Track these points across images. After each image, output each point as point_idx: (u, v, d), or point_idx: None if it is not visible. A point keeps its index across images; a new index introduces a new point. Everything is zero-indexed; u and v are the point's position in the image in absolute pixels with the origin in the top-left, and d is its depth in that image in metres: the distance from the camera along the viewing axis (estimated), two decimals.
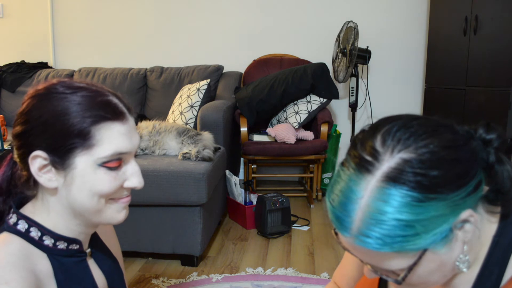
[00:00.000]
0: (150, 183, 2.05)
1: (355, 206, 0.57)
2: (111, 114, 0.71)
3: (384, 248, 0.56)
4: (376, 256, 0.58)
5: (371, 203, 0.56)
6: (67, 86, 0.72)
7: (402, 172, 0.55)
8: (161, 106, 3.36)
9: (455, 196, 0.56)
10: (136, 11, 3.81)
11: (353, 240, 0.58)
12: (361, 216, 0.57)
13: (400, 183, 0.55)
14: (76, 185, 0.71)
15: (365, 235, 0.56)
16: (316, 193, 3.23)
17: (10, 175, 0.77)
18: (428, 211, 0.55)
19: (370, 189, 0.56)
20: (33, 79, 3.66)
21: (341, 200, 0.59)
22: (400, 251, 0.56)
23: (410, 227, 0.54)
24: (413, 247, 0.56)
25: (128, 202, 0.77)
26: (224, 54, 3.72)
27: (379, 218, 0.55)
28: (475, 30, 2.73)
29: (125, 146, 0.72)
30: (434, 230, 0.55)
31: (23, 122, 0.71)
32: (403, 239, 0.55)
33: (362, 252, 0.59)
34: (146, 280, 2.05)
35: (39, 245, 0.73)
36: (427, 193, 0.55)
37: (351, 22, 3.25)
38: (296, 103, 3.19)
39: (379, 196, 0.55)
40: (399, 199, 0.54)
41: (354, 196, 0.58)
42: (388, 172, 0.56)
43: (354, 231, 0.57)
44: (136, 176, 0.75)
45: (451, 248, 0.59)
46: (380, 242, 0.55)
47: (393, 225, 0.55)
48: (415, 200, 0.54)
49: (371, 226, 0.56)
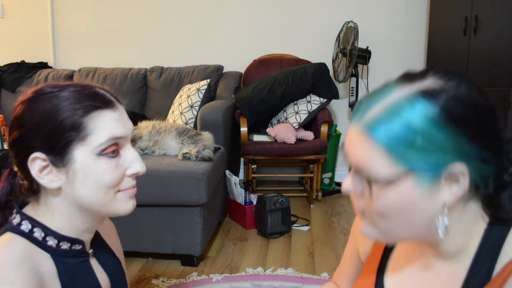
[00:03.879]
0: (150, 183, 2.05)
1: (380, 99, 0.61)
2: (101, 103, 0.73)
3: (381, 143, 0.58)
4: (367, 154, 0.60)
5: (396, 102, 0.59)
6: (54, 86, 0.73)
7: (440, 94, 0.58)
8: (161, 106, 3.36)
9: (467, 143, 0.58)
10: (136, 11, 3.81)
11: (360, 128, 0.61)
12: (380, 108, 0.60)
13: (432, 99, 0.57)
14: (79, 179, 0.71)
15: (374, 125, 0.59)
16: (316, 193, 3.23)
17: (9, 189, 0.78)
18: (439, 134, 0.57)
19: (403, 92, 0.59)
20: (33, 79, 3.66)
21: (372, 94, 0.63)
22: (391, 155, 0.58)
23: (415, 136, 0.57)
24: (403, 158, 0.58)
25: (135, 192, 0.77)
26: (224, 54, 3.72)
27: (395, 115, 0.58)
28: (475, 30, 2.73)
29: (119, 130, 0.73)
30: (430, 156, 0.57)
31: (17, 128, 0.72)
32: (403, 143, 0.57)
33: (358, 147, 0.61)
34: (146, 280, 2.05)
35: (42, 246, 0.73)
36: (449, 120, 0.57)
37: (351, 22, 3.26)
38: (296, 103, 3.19)
39: (407, 100, 0.58)
40: (423, 110, 0.57)
41: (384, 92, 0.61)
42: (428, 88, 0.58)
43: (367, 119, 0.60)
44: (136, 162, 0.76)
45: (430, 196, 0.59)
46: (382, 135, 0.58)
47: (403, 126, 0.57)
48: (436, 118, 0.57)
49: (384, 119, 0.58)
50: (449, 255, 0.67)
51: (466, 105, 0.58)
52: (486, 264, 0.63)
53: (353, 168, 0.63)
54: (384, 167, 0.59)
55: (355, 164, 0.62)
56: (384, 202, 0.60)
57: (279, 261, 2.25)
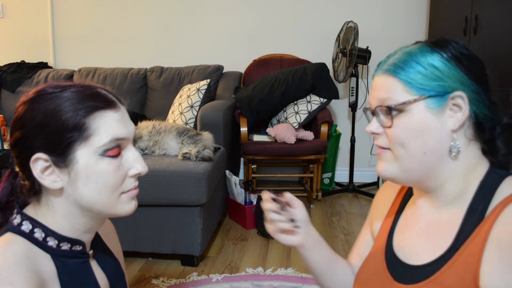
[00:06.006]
0: (150, 183, 2.05)
1: (397, 52, 0.77)
2: (103, 103, 0.72)
3: (400, 76, 0.73)
4: (388, 88, 0.74)
5: (414, 49, 0.75)
6: (55, 86, 0.73)
7: (446, 42, 0.75)
8: (161, 106, 3.36)
9: (465, 77, 0.72)
10: (136, 11, 3.81)
11: (382, 72, 0.76)
12: (399, 54, 0.75)
13: (442, 49, 0.73)
14: (82, 179, 0.71)
15: (393, 65, 0.74)
16: (316, 193, 3.23)
17: (10, 190, 0.78)
18: (444, 67, 0.72)
19: (419, 45, 0.76)
20: (33, 79, 3.66)
21: (394, 52, 0.78)
22: (406, 86, 0.72)
23: (425, 67, 0.72)
24: (416, 87, 0.72)
25: (137, 193, 0.78)
26: (224, 54, 3.72)
27: (410, 55, 0.74)
28: (475, 30, 2.73)
29: (121, 131, 0.73)
30: (438, 82, 0.71)
31: (19, 128, 0.72)
32: (414, 74, 0.72)
33: (381, 86, 0.75)
34: (146, 280, 2.05)
35: (42, 246, 0.73)
36: (453, 58, 0.72)
37: (351, 22, 3.26)
38: (296, 103, 3.19)
39: (424, 48, 0.74)
40: (432, 51, 0.73)
41: (402, 48, 0.77)
42: (436, 40, 0.75)
43: (387, 64, 0.75)
44: (138, 162, 0.76)
45: (439, 121, 0.72)
46: (400, 70, 0.73)
47: (416, 61, 0.73)
48: (445, 59, 0.72)
49: (401, 59, 0.74)
50: (449, 201, 0.76)
51: (465, 49, 0.74)
52: (480, 206, 0.71)
53: (376, 112, 0.76)
54: (402, 96, 0.73)
55: (378, 103, 0.75)
56: (404, 127, 0.73)
57: (279, 261, 2.25)
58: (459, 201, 0.74)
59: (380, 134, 0.76)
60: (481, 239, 0.68)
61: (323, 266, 0.93)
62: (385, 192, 0.95)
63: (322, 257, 0.92)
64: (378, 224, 0.92)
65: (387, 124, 0.74)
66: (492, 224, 0.67)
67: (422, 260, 0.76)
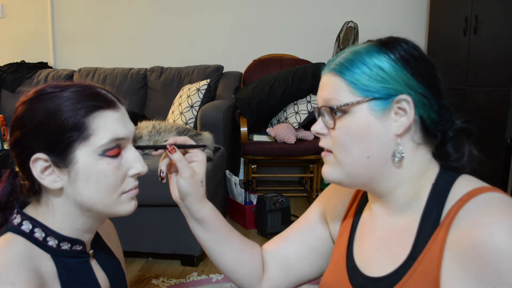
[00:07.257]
0: (150, 183, 2.05)
1: (346, 51, 0.74)
2: (103, 103, 0.72)
3: (344, 77, 0.71)
4: (333, 88, 0.72)
5: (361, 49, 0.73)
6: (55, 86, 0.73)
7: (393, 42, 0.74)
8: (161, 106, 3.36)
9: (412, 79, 0.70)
10: (136, 11, 3.81)
11: (328, 71, 0.73)
12: (347, 53, 0.73)
13: (390, 49, 0.72)
14: (81, 179, 0.71)
15: (338, 65, 0.72)
16: (316, 193, 3.23)
17: (10, 190, 0.78)
18: (390, 68, 0.70)
19: (368, 44, 0.74)
20: (33, 79, 3.66)
21: (343, 51, 0.76)
22: (351, 86, 0.70)
23: (370, 69, 0.69)
24: (360, 88, 0.69)
25: (137, 193, 0.78)
26: (224, 54, 3.72)
27: (356, 55, 0.72)
28: (475, 30, 2.73)
29: (121, 131, 0.73)
30: (381, 85, 0.69)
31: (18, 128, 0.72)
32: (359, 75, 0.70)
33: (326, 86, 0.73)
34: (146, 280, 2.05)
35: (43, 246, 0.73)
36: (399, 59, 0.70)
37: (351, 22, 3.26)
38: (296, 103, 3.19)
39: (371, 48, 0.72)
40: (378, 52, 0.71)
41: (351, 47, 0.75)
42: (386, 42, 0.74)
43: (333, 64, 0.73)
44: (138, 162, 0.76)
45: (383, 124, 0.69)
46: (345, 70, 0.71)
47: (361, 62, 0.70)
48: (392, 60, 0.70)
49: (347, 59, 0.72)
50: (402, 207, 0.73)
51: (415, 50, 0.73)
52: (434, 211, 0.69)
53: (321, 112, 0.74)
54: (346, 96, 0.70)
55: (323, 103, 0.73)
56: (346, 129, 0.70)
57: None
58: (412, 207, 0.72)
59: (325, 135, 0.74)
60: (438, 246, 0.66)
61: (214, 240, 0.95)
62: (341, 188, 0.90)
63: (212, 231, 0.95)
64: (337, 225, 0.89)
65: (330, 125, 0.72)
66: (447, 230, 0.65)
67: (382, 272, 0.73)
